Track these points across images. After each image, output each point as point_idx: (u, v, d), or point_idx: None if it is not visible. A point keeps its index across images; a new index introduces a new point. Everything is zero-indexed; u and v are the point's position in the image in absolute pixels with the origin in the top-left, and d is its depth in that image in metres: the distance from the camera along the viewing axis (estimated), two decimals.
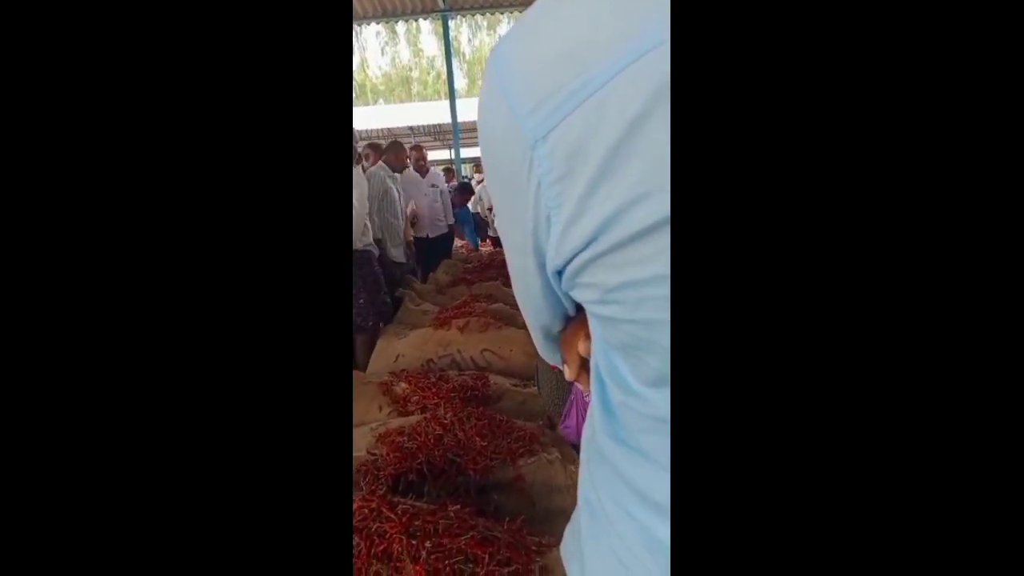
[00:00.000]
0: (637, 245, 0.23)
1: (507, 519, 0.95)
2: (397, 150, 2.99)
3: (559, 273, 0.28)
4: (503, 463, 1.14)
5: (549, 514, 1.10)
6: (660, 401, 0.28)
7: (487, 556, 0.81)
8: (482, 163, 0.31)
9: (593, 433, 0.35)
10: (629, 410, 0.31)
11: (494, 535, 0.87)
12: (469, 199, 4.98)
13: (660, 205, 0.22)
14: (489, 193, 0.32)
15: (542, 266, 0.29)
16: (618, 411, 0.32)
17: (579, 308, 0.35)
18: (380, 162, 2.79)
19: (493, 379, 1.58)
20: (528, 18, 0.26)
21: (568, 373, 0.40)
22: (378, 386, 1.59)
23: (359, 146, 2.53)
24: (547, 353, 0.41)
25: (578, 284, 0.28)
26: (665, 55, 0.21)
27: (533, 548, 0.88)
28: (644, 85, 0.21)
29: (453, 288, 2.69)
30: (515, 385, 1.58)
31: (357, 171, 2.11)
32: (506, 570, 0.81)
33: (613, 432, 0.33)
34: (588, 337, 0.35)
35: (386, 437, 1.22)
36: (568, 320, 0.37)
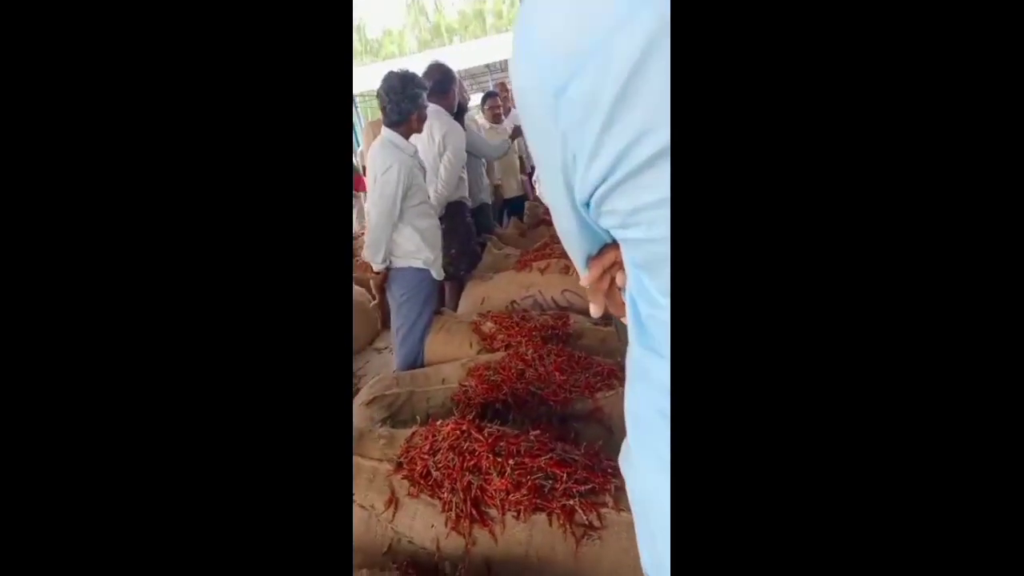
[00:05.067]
0: (646, 173, 0.28)
1: (585, 444, 1.02)
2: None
3: (587, 205, 0.33)
4: (582, 396, 1.21)
5: None
6: None
7: (565, 475, 0.90)
8: (519, 115, 0.36)
9: (631, 349, 0.40)
10: (654, 320, 0.36)
11: (572, 457, 0.96)
12: None
13: (659, 139, 0.26)
14: (527, 142, 0.36)
15: (574, 204, 0.34)
16: (647, 323, 0.37)
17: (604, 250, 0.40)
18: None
19: (574, 318, 1.63)
20: None
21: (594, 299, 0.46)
22: (469, 325, 1.73)
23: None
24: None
25: (603, 212, 0.32)
26: (655, 8, 0.24)
27: (610, 471, 0.95)
28: (639, 37, 0.25)
29: (534, 230, 2.72)
30: (595, 324, 1.62)
31: (454, 121, 2.12)
32: (583, 487, 0.89)
33: (645, 342, 0.38)
34: (622, 269, 0.39)
35: (475, 371, 1.35)
36: (604, 245, 0.41)
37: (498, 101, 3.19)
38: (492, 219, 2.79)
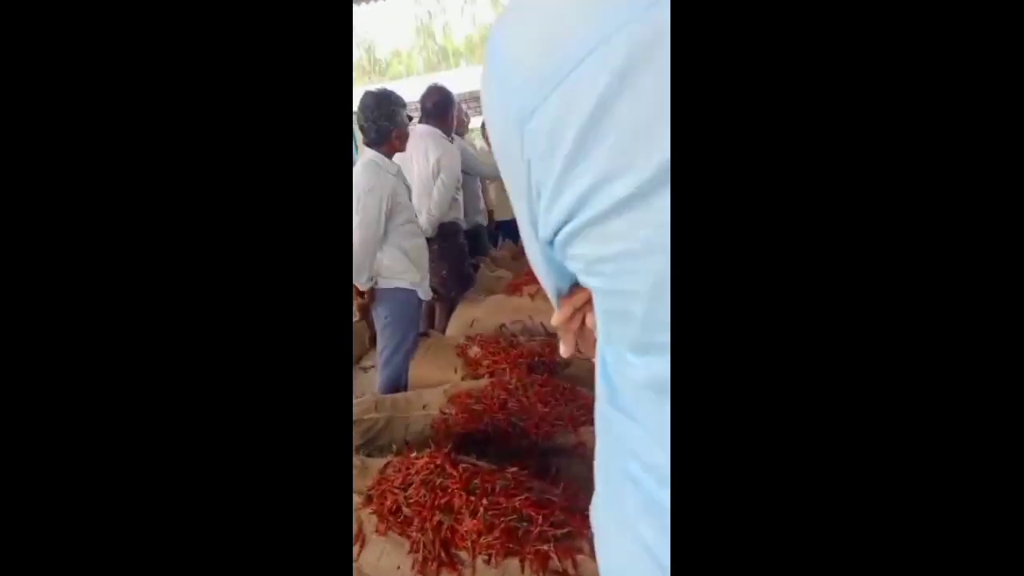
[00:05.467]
0: (612, 220, 0.25)
1: (564, 483, 0.98)
2: None
3: (551, 244, 0.31)
4: (564, 430, 1.16)
5: None
6: (642, 367, 0.29)
7: (541, 517, 0.86)
8: (489, 138, 0.33)
9: (598, 402, 0.38)
10: (621, 376, 0.33)
11: (549, 498, 0.91)
12: None
13: (629, 182, 0.23)
14: (497, 162, 0.34)
15: (539, 236, 0.31)
16: (614, 377, 0.34)
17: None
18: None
19: None
20: (517, 1, 0.28)
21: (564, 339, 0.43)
22: (454, 348, 1.69)
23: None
24: None
25: (567, 256, 0.30)
26: (629, 36, 0.22)
27: (588, 514, 0.91)
28: (610, 66, 0.22)
29: None
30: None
31: (450, 143, 2.12)
32: (559, 531, 0.85)
33: (611, 398, 0.35)
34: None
35: (456, 398, 1.31)
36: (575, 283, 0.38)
37: None
38: (487, 241, 2.78)
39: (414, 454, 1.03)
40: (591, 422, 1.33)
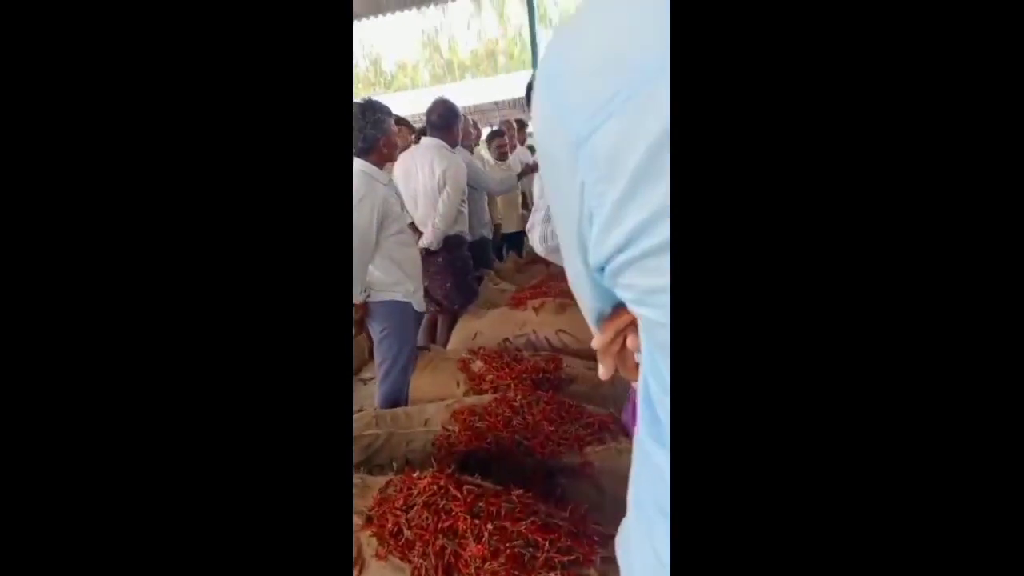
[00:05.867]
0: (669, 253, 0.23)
1: (570, 506, 0.95)
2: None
3: (601, 270, 0.29)
4: (571, 449, 1.13)
5: (618, 503, 1.08)
6: None
7: (547, 543, 0.82)
8: (537, 153, 0.32)
9: (639, 431, 0.36)
10: (665, 408, 0.31)
11: (555, 522, 0.88)
12: None
13: None
14: (544, 185, 0.32)
15: (587, 264, 0.30)
16: (658, 410, 0.32)
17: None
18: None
19: (567, 361, 1.57)
20: (579, 14, 0.26)
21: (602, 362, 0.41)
22: (456, 362, 1.66)
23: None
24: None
25: (617, 283, 0.28)
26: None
27: (596, 538, 0.87)
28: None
29: (532, 267, 2.69)
30: (590, 368, 1.55)
31: (455, 156, 2.12)
32: (566, 558, 0.81)
33: (654, 432, 0.33)
34: (636, 330, 0.35)
35: (459, 414, 1.28)
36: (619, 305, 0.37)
37: (505, 140, 3.18)
38: (492, 254, 2.76)
39: (416, 473, 1.00)
40: (598, 441, 1.29)
